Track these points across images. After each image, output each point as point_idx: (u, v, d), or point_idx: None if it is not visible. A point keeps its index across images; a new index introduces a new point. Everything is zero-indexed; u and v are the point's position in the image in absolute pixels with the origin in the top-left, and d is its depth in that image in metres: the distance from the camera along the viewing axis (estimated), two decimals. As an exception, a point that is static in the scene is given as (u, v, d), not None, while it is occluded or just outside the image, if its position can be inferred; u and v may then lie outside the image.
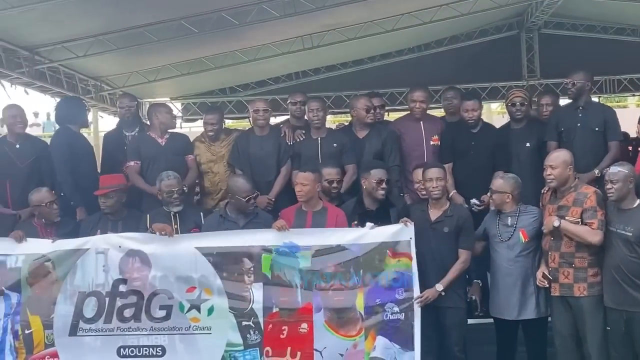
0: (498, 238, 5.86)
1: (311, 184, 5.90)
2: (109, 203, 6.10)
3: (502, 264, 5.85)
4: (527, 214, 5.87)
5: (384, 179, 5.97)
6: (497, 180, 6.00)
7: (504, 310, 5.87)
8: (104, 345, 5.62)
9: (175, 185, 6.09)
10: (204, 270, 5.63)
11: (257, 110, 6.89)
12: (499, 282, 5.87)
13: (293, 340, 5.54)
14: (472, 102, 6.94)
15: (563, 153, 5.79)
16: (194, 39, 9.66)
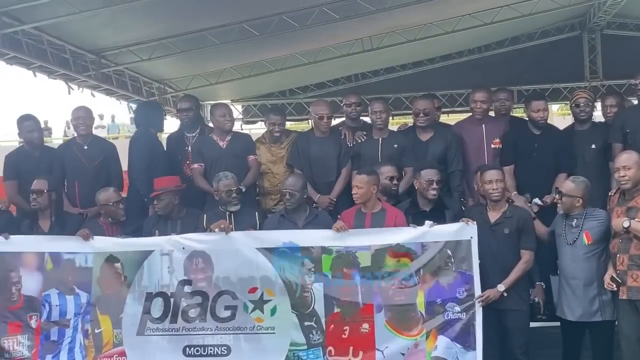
0: (563, 239, 5.81)
1: (366, 187, 5.92)
2: (160, 205, 6.21)
3: (566, 266, 5.81)
4: (593, 217, 5.80)
5: (434, 179, 5.99)
6: (567, 183, 5.92)
7: (567, 312, 5.82)
8: (170, 344, 5.73)
9: (232, 185, 6.19)
10: (265, 270, 5.72)
11: (321, 117, 6.92)
12: (563, 283, 5.84)
13: (355, 340, 5.59)
14: (542, 102, 6.87)
15: (634, 154, 5.70)
16: (255, 42, 9.80)
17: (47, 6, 7.55)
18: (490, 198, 5.84)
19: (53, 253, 5.88)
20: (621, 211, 5.59)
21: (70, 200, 6.77)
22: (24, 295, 5.84)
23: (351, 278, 5.66)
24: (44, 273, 5.87)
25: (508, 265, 5.70)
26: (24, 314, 5.82)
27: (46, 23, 8.28)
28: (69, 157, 6.87)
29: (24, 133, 6.93)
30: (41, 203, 6.20)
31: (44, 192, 6.20)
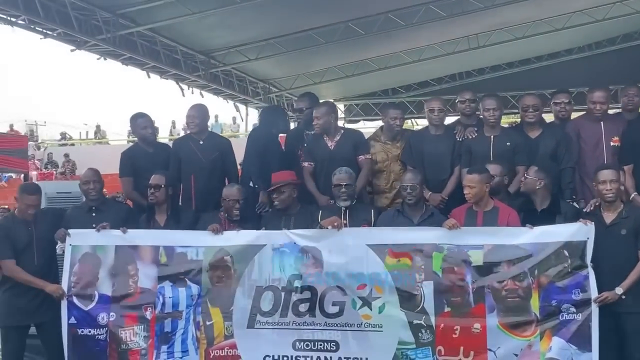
0: None
1: (479, 186, 5.84)
2: (281, 197, 6.23)
3: None
4: None
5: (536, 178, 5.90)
6: None
7: None
8: (280, 338, 5.77)
9: (345, 180, 6.17)
10: (374, 267, 5.69)
11: (432, 110, 6.88)
12: None
13: (466, 340, 5.50)
14: None
15: None
16: (359, 41, 9.87)
17: (162, 8, 7.83)
18: (604, 199, 5.67)
19: (167, 247, 6.01)
20: None
21: (185, 194, 6.91)
22: (140, 287, 6.00)
23: (462, 277, 5.59)
24: (159, 266, 6.00)
25: (625, 267, 5.49)
26: (140, 306, 5.95)
27: (160, 24, 8.56)
28: (186, 152, 7.00)
29: (137, 130, 7.14)
30: (158, 197, 6.37)
31: (162, 187, 6.35)
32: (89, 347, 5.92)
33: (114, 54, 9.17)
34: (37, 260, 6.22)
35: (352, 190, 6.20)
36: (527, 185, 6.05)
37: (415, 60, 11.36)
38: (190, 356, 5.86)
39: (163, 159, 7.06)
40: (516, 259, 5.55)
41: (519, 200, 6.14)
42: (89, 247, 6.07)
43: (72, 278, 6.01)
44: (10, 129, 26.37)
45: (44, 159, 26.26)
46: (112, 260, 6.02)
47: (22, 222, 6.31)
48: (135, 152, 7.26)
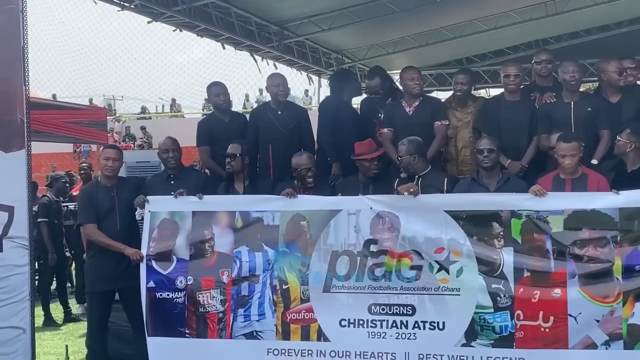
0: None
1: (578, 155, 5.76)
2: (378, 164, 6.32)
3: None
4: None
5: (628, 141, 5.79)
6: None
7: None
8: (355, 302, 5.79)
9: (404, 151, 6.18)
10: (453, 233, 5.65)
11: (507, 75, 6.75)
12: None
13: (545, 305, 5.41)
14: None
15: None
16: (434, 9, 9.72)
17: (236, -23, 7.84)
18: None
19: (243, 212, 6.09)
20: None
21: (263, 164, 6.99)
22: (217, 252, 6.09)
23: (542, 243, 5.49)
24: (235, 231, 6.09)
25: None
26: (216, 270, 6.05)
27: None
28: (263, 122, 7.09)
29: (211, 98, 7.27)
30: (235, 166, 6.46)
31: (238, 155, 6.45)
32: (167, 309, 6.05)
33: (189, 26, 9.26)
34: (120, 224, 6.42)
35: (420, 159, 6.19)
36: (619, 148, 5.94)
37: (490, 28, 11.11)
38: (267, 319, 5.94)
39: (239, 128, 7.16)
40: (598, 224, 5.42)
41: (611, 162, 6.03)
42: (167, 213, 6.20)
43: (151, 243, 6.15)
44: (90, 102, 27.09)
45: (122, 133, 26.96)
46: (189, 226, 6.13)
47: (105, 188, 6.51)
48: (211, 121, 7.38)
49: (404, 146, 6.23)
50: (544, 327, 5.43)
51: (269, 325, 5.92)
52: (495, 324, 5.50)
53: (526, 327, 5.46)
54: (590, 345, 5.35)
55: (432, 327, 5.64)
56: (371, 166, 6.34)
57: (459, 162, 7.01)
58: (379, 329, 5.71)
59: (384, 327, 5.70)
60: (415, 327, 5.65)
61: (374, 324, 5.73)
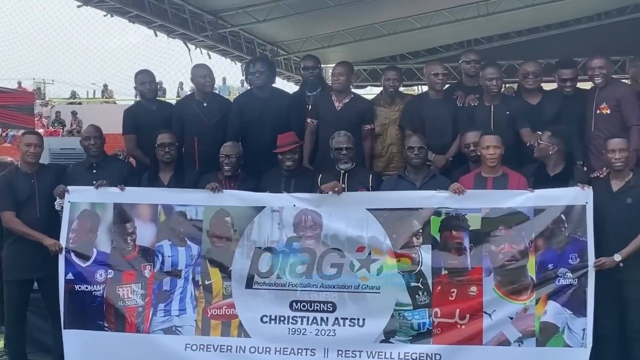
0: None
1: (502, 147, 5.89)
2: (292, 158, 6.24)
3: None
4: None
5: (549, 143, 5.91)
6: None
7: None
8: (277, 298, 5.82)
9: (344, 142, 6.20)
10: (374, 230, 5.72)
11: (436, 74, 6.84)
12: None
13: (462, 303, 5.54)
14: None
15: None
16: (369, 5, 9.76)
17: (167, -35, 7.73)
18: (612, 167, 5.66)
19: (166, 205, 6.02)
20: None
21: (188, 156, 6.90)
22: (138, 245, 6.02)
23: (460, 241, 5.61)
24: (158, 224, 6.02)
25: (628, 236, 5.50)
26: (138, 264, 5.99)
27: (166, -18, 8.48)
28: (189, 113, 6.96)
29: (138, 86, 7.13)
30: (173, 155, 6.39)
31: (176, 144, 6.40)
32: (85, 302, 5.95)
33: (120, 11, 9.09)
34: (40, 213, 6.26)
35: (352, 154, 6.22)
36: (541, 152, 6.04)
37: (424, 26, 11.23)
38: (187, 314, 5.91)
39: (166, 118, 7.04)
40: (514, 222, 5.56)
41: (532, 167, 6.15)
42: (88, 204, 6.09)
43: (71, 235, 6.04)
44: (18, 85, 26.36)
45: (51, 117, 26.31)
46: (110, 218, 6.04)
47: (25, 174, 6.36)
48: (137, 109, 7.26)
49: (346, 137, 6.26)
50: (460, 324, 5.56)
51: (189, 321, 5.89)
52: (413, 321, 5.60)
53: (443, 324, 5.57)
54: (503, 342, 5.49)
55: (352, 323, 5.70)
56: (284, 159, 6.26)
57: (386, 159, 7.07)
58: (300, 325, 5.74)
59: (305, 324, 5.74)
60: (335, 324, 5.71)
61: (294, 320, 5.76)
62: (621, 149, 5.61)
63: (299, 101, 7.16)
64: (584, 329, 5.37)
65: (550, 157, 5.99)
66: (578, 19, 12.11)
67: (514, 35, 12.53)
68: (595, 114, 6.57)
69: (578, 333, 5.39)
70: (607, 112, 6.54)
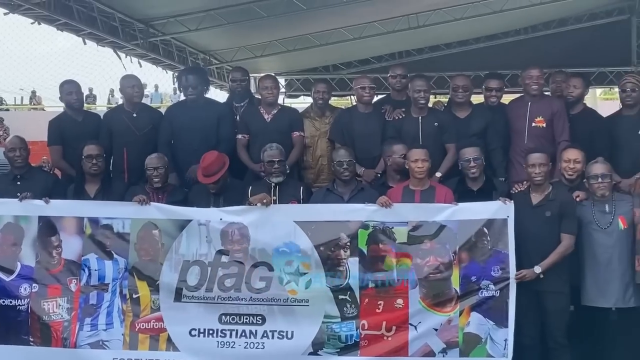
0: (595, 225, 5.77)
1: (429, 160, 5.99)
2: (218, 186, 6.17)
3: (599, 252, 5.75)
4: (623, 201, 5.80)
5: (470, 157, 6.03)
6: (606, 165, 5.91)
7: (600, 299, 5.76)
8: (206, 311, 5.80)
9: (277, 156, 6.23)
10: (302, 243, 5.76)
11: (363, 87, 6.94)
12: (596, 270, 5.76)
13: (388, 315, 5.63)
14: (579, 79, 6.87)
15: None
16: (301, 16, 9.82)
17: (97, -27, 7.65)
18: (532, 181, 5.83)
19: (92, 218, 5.94)
20: None
21: (117, 168, 6.83)
22: (64, 259, 5.93)
23: (387, 254, 5.70)
24: (83, 238, 5.93)
25: (548, 248, 5.66)
26: (64, 278, 5.89)
27: (96, -10, 8.39)
28: (118, 124, 6.89)
29: (63, 96, 7.01)
30: (101, 167, 6.31)
31: (104, 156, 6.33)
32: (9, 317, 5.84)
33: (48, 19, 8.94)
34: None
35: (283, 166, 6.26)
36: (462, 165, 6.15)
37: (356, 38, 11.37)
38: (114, 328, 5.84)
39: (92, 129, 6.96)
40: (439, 235, 5.67)
41: (453, 180, 6.26)
42: (11, 217, 5.97)
43: (-7, 249, 5.90)
44: (-59, 91, 25.57)
45: (-25, 125, 25.52)
46: (35, 231, 5.93)
47: None
48: (63, 120, 7.13)
49: (278, 150, 6.29)
50: (386, 336, 5.65)
51: (116, 335, 5.83)
52: (341, 333, 5.66)
53: (370, 336, 5.66)
54: (428, 353, 5.60)
55: (281, 336, 5.73)
56: (210, 187, 6.21)
57: (316, 170, 7.12)
58: (229, 338, 5.74)
59: (234, 337, 5.74)
60: (264, 337, 5.73)
61: (223, 333, 5.76)
62: (541, 163, 5.77)
63: (229, 110, 7.18)
64: (505, 339, 5.52)
65: (475, 170, 6.09)
66: (506, 32, 12.43)
67: (443, 48, 12.78)
68: (530, 127, 6.72)
69: (500, 343, 5.54)
70: (542, 126, 6.71)
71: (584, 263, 5.78)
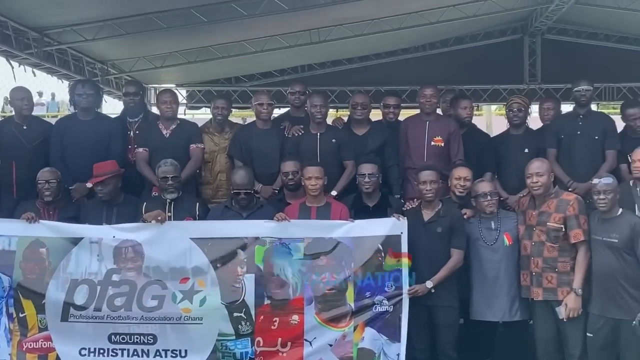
0: (482, 241, 5.97)
1: (324, 178, 6.05)
2: (106, 190, 6.13)
3: (486, 267, 5.96)
4: (508, 218, 6.06)
5: (365, 173, 6.14)
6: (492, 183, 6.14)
7: (487, 313, 5.97)
8: (95, 331, 5.69)
9: (171, 172, 6.17)
10: (197, 260, 5.73)
11: (261, 104, 6.97)
12: (484, 285, 5.97)
13: (284, 331, 5.67)
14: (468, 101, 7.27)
15: (546, 162, 6.00)
16: (202, 28, 9.73)
17: (-13, -19, 7.39)
18: (423, 198, 5.97)
19: None
20: (533, 215, 5.82)
21: (5, 181, 6.61)
22: (-55, 278, 5.71)
23: (283, 270, 5.73)
24: (-34, 256, 5.74)
25: (439, 263, 5.82)
26: (-54, 297, 5.68)
27: (-14, -2, 8.10)
28: (7, 136, 6.69)
29: None
30: None
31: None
32: None
33: (-64, 26, 8.60)
34: None
35: (178, 183, 6.20)
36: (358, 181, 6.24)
37: (258, 51, 11.35)
38: (1, 348, 5.69)
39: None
40: (335, 252, 5.74)
41: (350, 197, 6.34)
42: None
43: None
44: None
45: None
46: None
47: None
48: None
49: (173, 166, 6.22)
50: (282, 352, 5.69)
51: (3, 355, 5.67)
52: (236, 350, 5.66)
53: (265, 353, 5.68)
54: (324, 369, 5.63)
55: (174, 355, 5.68)
56: (99, 190, 6.16)
57: (215, 186, 7.09)
58: (120, 357, 5.66)
59: (125, 356, 5.66)
60: (156, 356, 5.67)
61: (114, 352, 5.67)
62: (431, 180, 5.94)
63: (121, 126, 7.06)
64: (398, 353, 5.63)
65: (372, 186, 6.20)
66: (405, 49, 12.68)
67: (345, 62, 12.92)
68: (429, 145, 6.90)
69: (393, 358, 5.65)
70: (441, 145, 6.89)
71: (473, 278, 5.99)
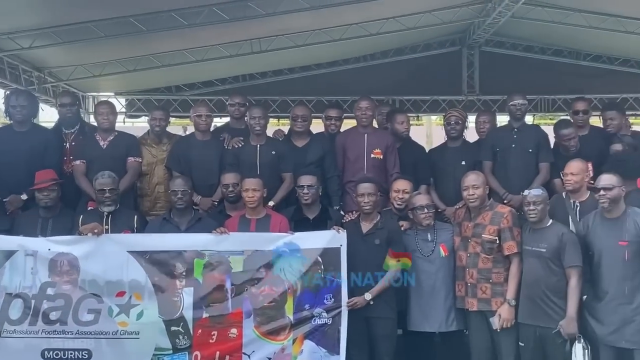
0: (418, 253, 6.05)
1: (262, 190, 6.04)
2: (52, 195, 6.07)
3: (423, 279, 6.03)
4: (444, 230, 6.16)
5: (304, 184, 6.18)
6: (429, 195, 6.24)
7: (424, 324, 6.05)
8: (27, 347, 5.58)
9: (108, 184, 6.10)
10: (135, 274, 5.67)
11: (199, 116, 6.95)
12: (420, 296, 6.04)
13: (222, 345, 5.64)
14: (404, 115, 7.34)
15: (481, 175, 6.13)
16: (142, 36, 9.65)
17: None
18: (361, 210, 6.02)
19: None
20: (469, 226, 5.94)
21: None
22: None
23: (222, 283, 5.70)
24: None
25: (377, 275, 5.85)
26: None
27: None
28: None
29: None
30: None
31: None
32: None
33: None
34: None
35: (115, 195, 6.12)
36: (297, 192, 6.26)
37: (198, 60, 11.29)
38: None
39: None
40: (274, 264, 5.74)
41: (290, 209, 6.36)
42: None
43: None
44: None
45: None
46: None
47: None
48: None
49: (111, 179, 6.15)
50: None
51: None
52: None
53: (203, 367, 5.61)
54: (261, 382, 5.61)
55: None
56: (41, 196, 6.08)
57: (153, 198, 7.03)
58: None
59: None
60: None
61: None
62: (369, 192, 5.99)
63: (57, 138, 6.96)
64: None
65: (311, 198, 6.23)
66: (346, 59, 12.78)
67: (287, 72, 12.96)
68: (368, 158, 6.95)
69: (332, 370, 5.65)
70: (380, 157, 6.95)
71: (410, 289, 6.05)
